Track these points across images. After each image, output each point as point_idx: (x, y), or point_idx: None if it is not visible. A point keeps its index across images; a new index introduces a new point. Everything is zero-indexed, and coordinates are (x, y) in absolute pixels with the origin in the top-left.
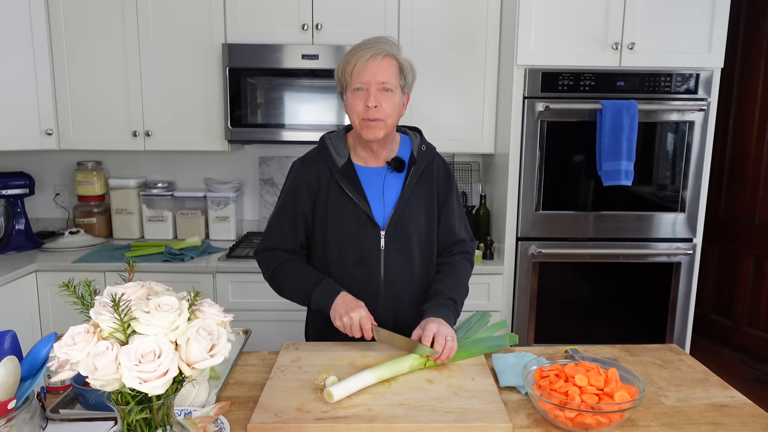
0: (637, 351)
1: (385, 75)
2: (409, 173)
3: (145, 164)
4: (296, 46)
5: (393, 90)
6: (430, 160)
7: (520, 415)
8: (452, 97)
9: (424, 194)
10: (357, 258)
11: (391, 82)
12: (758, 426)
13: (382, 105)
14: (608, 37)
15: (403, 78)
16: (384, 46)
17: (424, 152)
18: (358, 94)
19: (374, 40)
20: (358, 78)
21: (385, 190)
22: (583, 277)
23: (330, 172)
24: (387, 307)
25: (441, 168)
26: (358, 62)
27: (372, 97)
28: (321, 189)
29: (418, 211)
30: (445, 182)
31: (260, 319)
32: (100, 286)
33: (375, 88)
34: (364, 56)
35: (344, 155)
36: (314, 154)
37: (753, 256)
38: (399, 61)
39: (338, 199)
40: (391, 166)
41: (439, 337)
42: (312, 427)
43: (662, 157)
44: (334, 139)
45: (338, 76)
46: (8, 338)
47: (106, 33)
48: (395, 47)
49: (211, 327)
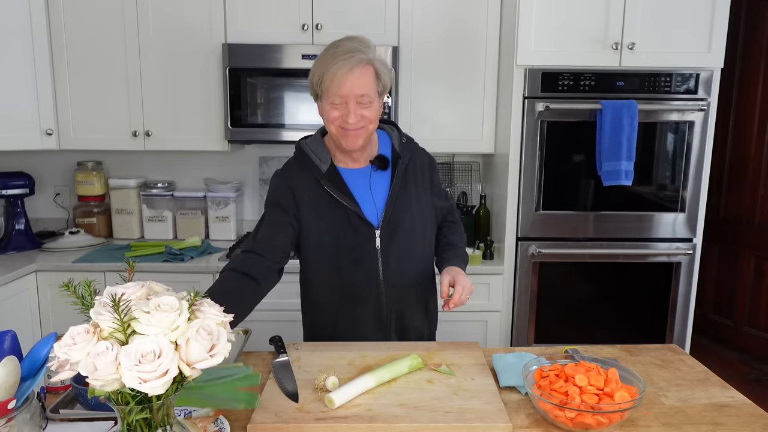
0: (637, 351)
1: (364, 87)
2: (395, 169)
3: (145, 164)
4: (296, 46)
5: (372, 99)
6: (413, 152)
7: (520, 415)
8: (452, 97)
9: (414, 187)
10: (354, 260)
11: (370, 93)
12: (758, 426)
13: (363, 114)
14: (608, 37)
15: (381, 83)
16: (359, 54)
17: (405, 145)
18: (336, 106)
19: (347, 48)
20: (335, 92)
21: (373, 189)
22: (583, 277)
23: (315, 179)
24: (390, 309)
25: (424, 157)
26: (335, 76)
27: (351, 113)
28: (307, 198)
29: (409, 205)
30: (430, 169)
31: (260, 319)
32: (100, 286)
33: (354, 101)
34: (340, 70)
35: (326, 160)
36: (293, 163)
37: (753, 256)
38: (375, 67)
39: (328, 205)
40: (376, 165)
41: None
42: (312, 427)
43: (662, 157)
44: (312, 145)
45: (312, 84)
46: (8, 338)
47: (107, 33)
48: (369, 49)
49: (211, 327)
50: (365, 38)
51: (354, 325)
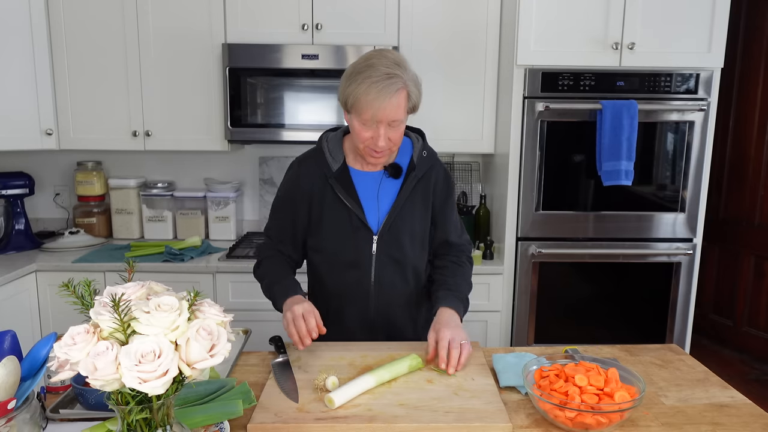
0: (637, 351)
1: (397, 113)
2: (407, 179)
3: (145, 164)
4: (296, 46)
5: (402, 121)
6: (430, 167)
7: (520, 415)
8: (452, 97)
9: (421, 201)
10: (348, 262)
11: (402, 116)
12: (758, 426)
13: (390, 137)
14: (608, 37)
15: (411, 103)
16: (395, 81)
17: (425, 158)
18: (366, 126)
19: (384, 72)
20: (371, 117)
21: (380, 194)
22: (583, 277)
23: (325, 176)
24: (378, 311)
25: (440, 175)
26: (371, 107)
27: (382, 138)
28: (316, 193)
29: (412, 218)
30: (444, 190)
31: (260, 319)
32: (100, 286)
33: (385, 125)
34: (377, 100)
35: (339, 159)
36: (311, 155)
37: (753, 256)
38: (408, 90)
39: (332, 204)
40: (388, 172)
41: (453, 346)
42: (312, 427)
43: (662, 157)
44: (330, 142)
45: (344, 99)
46: (8, 338)
47: (107, 32)
48: (405, 70)
49: (211, 327)
50: (399, 56)
51: (341, 326)
